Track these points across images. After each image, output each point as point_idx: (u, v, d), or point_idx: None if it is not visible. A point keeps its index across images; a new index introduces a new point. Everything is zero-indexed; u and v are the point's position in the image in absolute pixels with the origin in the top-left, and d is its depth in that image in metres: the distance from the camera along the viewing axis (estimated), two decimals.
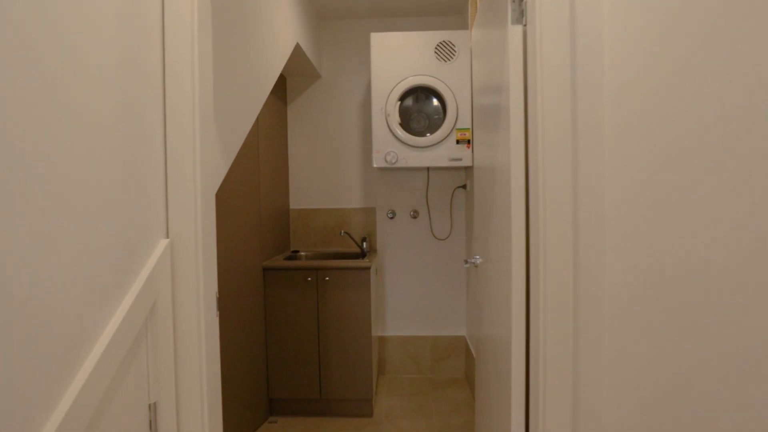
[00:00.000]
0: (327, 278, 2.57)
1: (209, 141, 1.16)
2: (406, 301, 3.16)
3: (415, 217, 3.13)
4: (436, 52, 2.65)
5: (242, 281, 2.33)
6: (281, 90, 3.06)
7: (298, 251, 3.08)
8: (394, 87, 2.65)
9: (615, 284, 1.02)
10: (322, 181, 3.19)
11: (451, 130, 2.65)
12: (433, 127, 2.74)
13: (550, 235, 1.09)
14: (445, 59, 2.65)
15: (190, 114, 1.08)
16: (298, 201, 3.21)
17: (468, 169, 2.89)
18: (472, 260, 1.87)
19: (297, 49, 2.59)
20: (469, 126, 2.65)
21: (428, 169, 3.08)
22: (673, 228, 0.81)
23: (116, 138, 0.90)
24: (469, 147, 2.66)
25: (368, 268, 2.55)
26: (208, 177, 1.17)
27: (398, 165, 2.68)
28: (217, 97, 1.42)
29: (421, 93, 2.72)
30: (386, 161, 2.67)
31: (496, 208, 1.54)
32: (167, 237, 1.07)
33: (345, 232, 2.96)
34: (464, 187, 3.03)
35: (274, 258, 2.76)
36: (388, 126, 2.67)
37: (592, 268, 1.07)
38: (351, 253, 3.04)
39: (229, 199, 2.18)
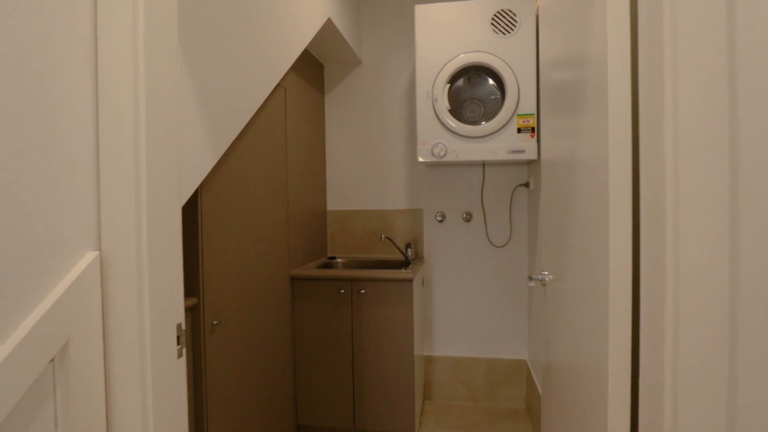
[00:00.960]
0: (362, 291, 2.22)
1: (167, 122, 0.84)
2: (457, 317, 2.75)
3: (468, 221, 2.72)
4: (492, 24, 2.23)
5: (266, 291, 2.03)
6: (318, 79, 2.76)
7: (334, 258, 2.76)
8: (443, 67, 2.26)
9: None
10: (362, 180, 2.85)
11: (511, 117, 2.22)
12: (489, 114, 2.31)
13: (689, 251, 0.67)
14: (504, 32, 2.21)
15: (130, 75, 0.76)
16: (336, 202, 2.89)
17: (532, 164, 2.43)
18: (539, 277, 1.44)
19: (329, 26, 2.27)
20: (534, 111, 2.21)
21: (484, 163, 2.65)
22: None
23: None
24: (533, 136, 2.21)
25: (410, 280, 2.17)
26: (171, 168, 0.85)
27: (447, 159, 2.28)
28: (203, 72, 1.11)
29: (474, 73, 2.31)
30: (433, 154, 2.28)
31: (579, 214, 1.11)
32: (97, 249, 0.76)
33: (386, 237, 2.60)
34: (527, 185, 2.57)
35: (305, 266, 2.45)
36: (436, 113, 2.27)
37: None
38: (394, 261, 2.67)
39: (249, 200, 1.89)
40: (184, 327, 0.93)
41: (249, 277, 1.91)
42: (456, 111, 2.33)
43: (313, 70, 2.67)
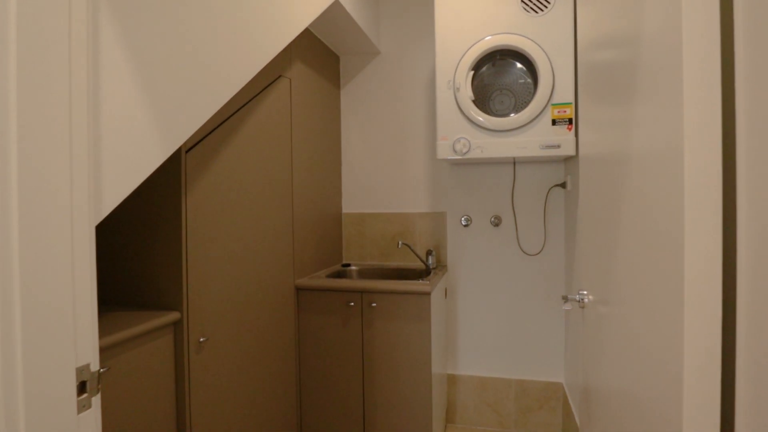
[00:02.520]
0: (374, 304, 1.98)
1: (49, 118, 0.64)
2: (484, 333, 2.47)
3: (496, 225, 2.43)
4: (523, 1, 1.95)
5: (266, 303, 1.83)
6: (333, 71, 2.55)
7: (349, 265, 2.54)
8: (466, 52, 2.00)
9: None
10: (381, 180, 2.62)
11: (545, 107, 1.93)
12: (520, 104, 2.03)
13: None
14: (536, 9, 1.93)
15: None
16: (352, 204, 2.67)
17: (570, 161, 2.13)
18: (575, 297, 1.16)
19: (339, 11, 2.05)
20: (571, 100, 1.91)
21: (514, 161, 2.36)
22: None
23: None
24: (570, 129, 1.91)
25: (428, 294, 1.92)
26: (59, 178, 0.64)
27: (470, 156, 2.01)
28: (146, 45, 0.91)
29: (501, 58, 2.04)
30: (455, 151, 2.02)
31: (633, 222, 0.85)
32: None
33: (403, 243, 2.36)
34: (563, 185, 2.27)
35: (314, 274, 2.24)
36: (458, 104, 2.02)
37: None
38: (413, 269, 2.43)
39: (245, 203, 1.70)
40: (96, 368, 0.72)
41: (246, 288, 1.71)
42: (481, 102, 2.07)
43: (327, 61, 2.46)
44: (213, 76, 1.11)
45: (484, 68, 2.05)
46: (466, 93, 1.99)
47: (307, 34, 2.20)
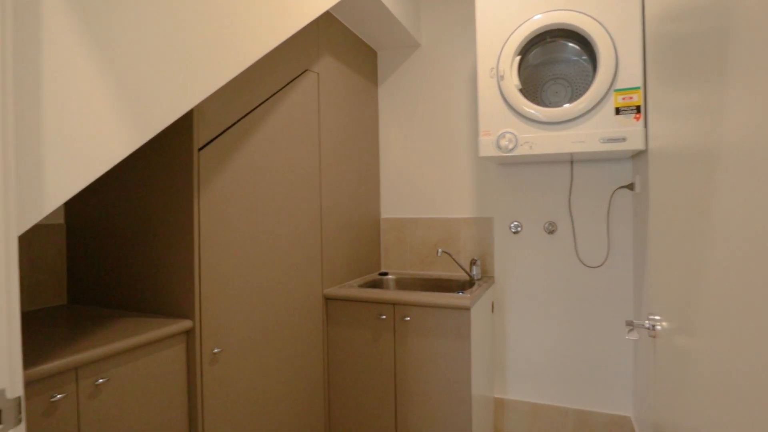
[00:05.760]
0: (407, 318, 1.79)
1: None
2: (537, 354, 2.18)
3: (551, 232, 2.16)
4: None
5: (290, 313, 1.69)
6: (370, 68, 2.41)
7: (386, 273, 2.36)
8: (511, 35, 1.76)
9: None
10: (422, 183, 2.43)
11: (606, 93, 1.66)
12: (576, 92, 1.77)
13: None
14: None
15: None
16: (391, 208, 2.49)
17: (639, 157, 1.83)
18: (645, 324, 0.91)
19: (372, 1, 1.90)
20: (639, 84, 1.62)
21: (572, 159, 2.08)
22: None
23: None
24: (638, 118, 1.63)
25: (467, 309, 1.70)
26: None
27: (517, 153, 1.77)
28: (108, 19, 0.79)
29: (552, 40, 1.78)
30: (499, 147, 1.79)
31: (730, 233, 0.61)
32: None
33: (443, 251, 2.14)
34: (630, 187, 1.96)
35: (346, 283, 2.08)
36: (502, 94, 1.79)
37: None
38: (455, 280, 2.20)
39: (266, 205, 1.57)
40: (16, 395, 0.59)
41: (267, 296, 1.59)
42: (529, 91, 1.82)
43: (363, 57, 2.32)
44: (194, 64, 0.98)
45: (532, 52, 1.81)
46: (512, 81, 1.76)
47: (339, 27, 2.07)
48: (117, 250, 1.49)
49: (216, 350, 1.41)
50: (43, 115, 0.66)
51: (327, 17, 1.96)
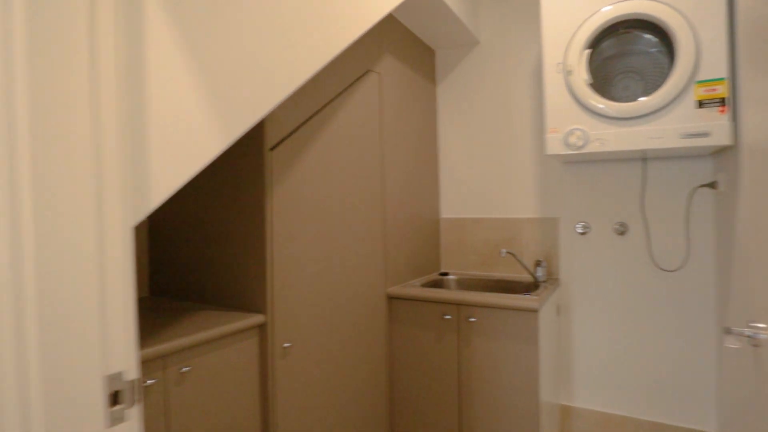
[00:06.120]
0: (472, 319, 1.76)
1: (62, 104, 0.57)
2: (606, 360, 2.08)
3: (622, 234, 2.06)
4: None
5: (354, 311, 1.72)
6: (428, 67, 2.40)
7: (447, 274, 2.34)
8: (579, 27, 1.70)
9: None
10: (483, 182, 2.39)
11: (686, 86, 1.56)
12: (649, 86, 1.68)
13: None
14: None
15: None
16: (451, 208, 2.47)
17: (722, 153, 1.71)
18: (746, 331, 0.84)
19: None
20: (724, 74, 1.52)
21: (645, 156, 1.97)
22: None
23: None
24: (724, 111, 1.52)
25: (535, 311, 1.65)
26: (83, 166, 0.57)
27: (588, 150, 1.71)
28: (199, 24, 0.84)
29: (625, 31, 1.70)
30: (567, 145, 1.73)
31: None
32: None
33: (507, 252, 2.09)
34: (711, 185, 1.83)
35: (408, 283, 2.09)
36: (570, 89, 1.73)
37: None
38: (519, 281, 2.15)
39: (332, 203, 1.61)
40: (132, 377, 0.64)
41: (333, 293, 1.62)
42: (600, 86, 1.75)
43: (421, 56, 2.32)
44: (277, 64, 1.02)
45: (601, 46, 1.73)
46: (581, 76, 1.69)
47: (398, 27, 2.08)
48: (195, 246, 1.58)
49: (286, 345, 1.45)
50: (148, 117, 0.71)
51: (387, 17, 1.98)
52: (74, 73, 0.58)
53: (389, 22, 1.99)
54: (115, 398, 0.63)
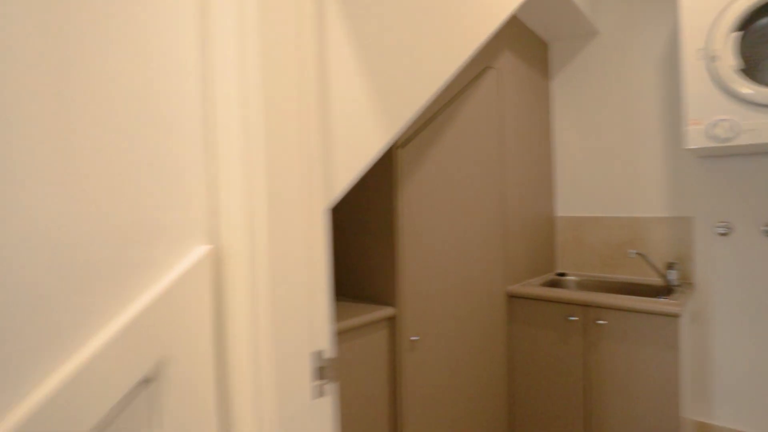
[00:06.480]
0: (601, 321, 1.69)
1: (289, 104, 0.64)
2: (753, 375, 1.88)
3: None
4: None
5: (475, 308, 1.73)
6: (540, 61, 2.34)
7: (564, 274, 2.26)
8: (724, 9, 1.56)
9: None
10: (602, 179, 2.28)
11: None
12: None
13: None
14: None
15: (236, 41, 0.58)
16: (567, 206, 2.38)
17: None
18: None
19: None
20: None
21: None
22: None
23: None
24: None
25: (677, 316, 1.54)
26: (295, 155, 0.65)
27: (738, 142, 1.56)
28: (365, 28, 0.90)
29: None
30: (712, 137, 1.59)
31: None
32: (209, 243, 0.59)
33: (637, 253, 1.97)
34: None
35: (526, 282, 2.05)
36: (715, 76, 1.58)
37: None
38: (647, 285, 2.02)
39: (455, 200, 1.63)
40: (330, 355, 0.71)
41: (454, 290, 1.65)
42: (753, 70, 1.59)
43: (534, 50, 2.27)
44: (425, 63, 1.07)
45: (754, 25, 1.57)
46: (727, 62, 1.55)
47: (514, 20, 2.05)
48: (335, 240, 1.68)
49: (413, 338, 1.50)
50: (330, 114, 0.79)
51: None
52: (289, 80, 0.66)
53: None
54: (317, 374, 0.71)
